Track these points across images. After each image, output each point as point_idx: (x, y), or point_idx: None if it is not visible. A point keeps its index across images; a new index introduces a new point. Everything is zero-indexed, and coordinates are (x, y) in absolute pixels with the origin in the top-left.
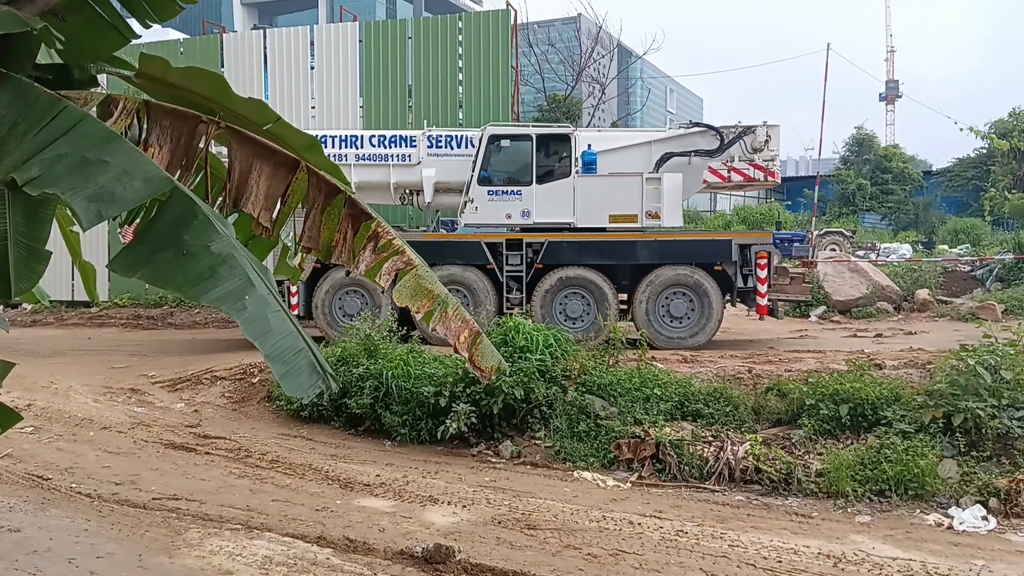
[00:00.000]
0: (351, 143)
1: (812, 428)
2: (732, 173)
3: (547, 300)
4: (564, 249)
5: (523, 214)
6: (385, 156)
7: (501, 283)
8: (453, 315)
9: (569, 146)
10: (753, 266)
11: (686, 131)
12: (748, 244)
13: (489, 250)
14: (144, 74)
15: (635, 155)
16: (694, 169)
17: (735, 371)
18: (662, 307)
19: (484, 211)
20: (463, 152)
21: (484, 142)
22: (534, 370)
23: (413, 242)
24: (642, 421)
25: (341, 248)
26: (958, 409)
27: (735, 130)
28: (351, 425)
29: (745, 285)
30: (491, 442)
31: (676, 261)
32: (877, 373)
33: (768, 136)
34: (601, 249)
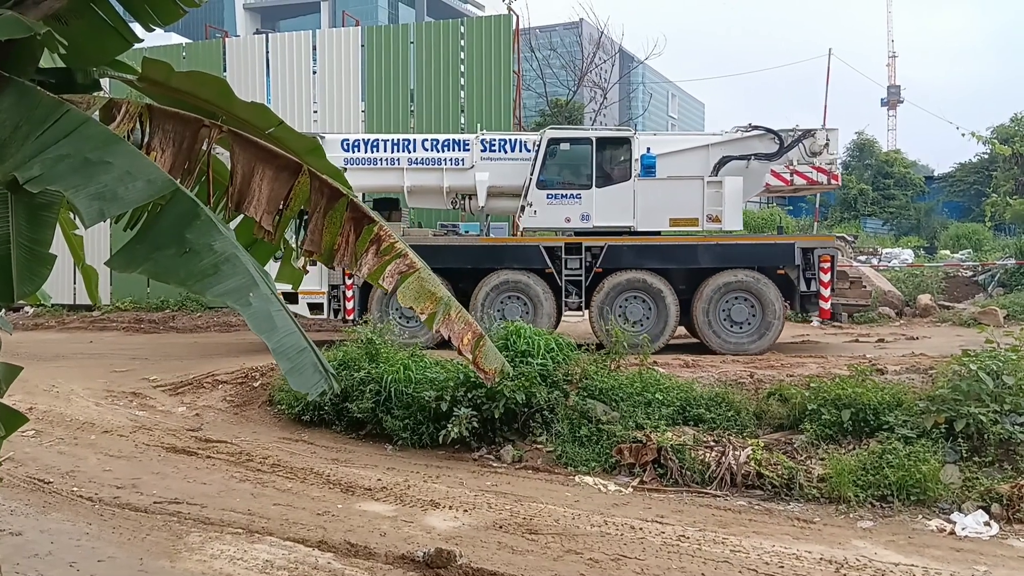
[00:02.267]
0: (403, 147)
1: (814, 433)
2: (795, 176)
3: (606, 304)
4: (624, 253)
5: (583, 218)
6: (438, 160)
7: (559, 287)
8: (456, 317)
9: (629, 149)
10: (816, 270)
11: (744, 134)
12: (811, 248)
13: (547, 254)
14: (146, 78)
15: (693, 158)
16: (752, 172)
17: (737, 376)
18: (723, 312)
19: (543, 215)
20: (517, 156)
21: (543, 145)
22: (536, 374)
23: (468, 246)
24: (644, 426)
25: (343, 252)
26: (960, 414)
27: (794, 134)
28: (352, 429)
29: (808, 289)
30: (492, 446)
31: (738, 265)
32: (879, 378)
33: (827, 140)
34: (662, 253)
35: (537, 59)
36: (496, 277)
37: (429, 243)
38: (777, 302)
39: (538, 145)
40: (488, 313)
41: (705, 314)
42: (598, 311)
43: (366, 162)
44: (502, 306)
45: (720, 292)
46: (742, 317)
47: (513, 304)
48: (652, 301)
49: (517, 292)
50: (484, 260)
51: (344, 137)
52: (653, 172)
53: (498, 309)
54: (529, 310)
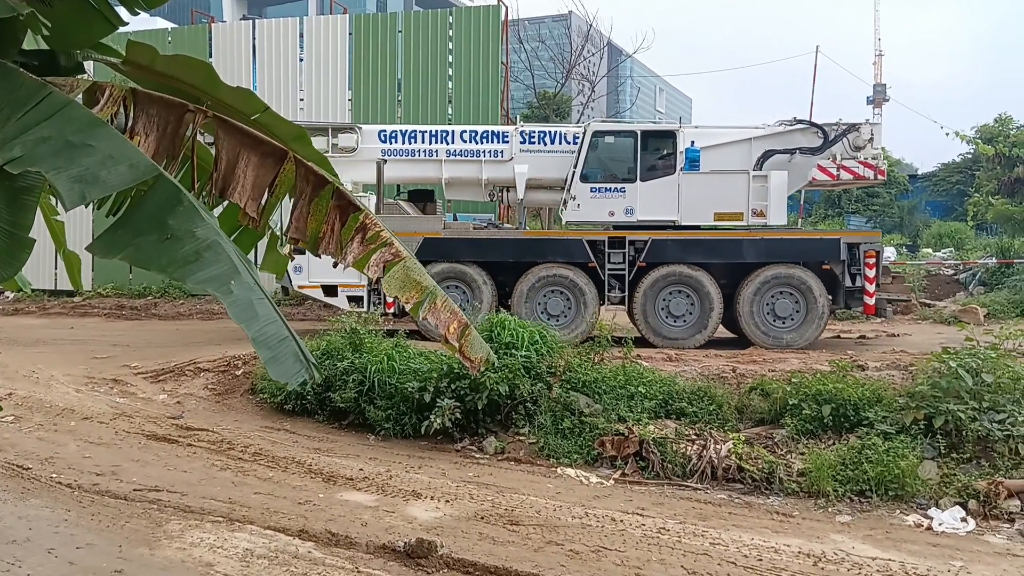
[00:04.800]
0: (442, 138)
1: (794, 428)
2: (841, 171)
3: (649, 298)
4: (668, 247)
5: (626, 211)
6: (477, 152)
7: (602, 281)
8: (442, 306)
9: (674, 143)
10: (861, 265)
11: (788, 128)
12: (857, 243)
13: (590, 248)
14: (131, 62)
15: (735, 152)
16: (794, 167)
17: (719, 370)
18: (767, 307)
19: (586, 208)
20: (557, 148)
21: (587, 138)
22: (519, 366)
23: (510, 239)
24: (626, 419)
25: (328, 239)
26: (939, 411)
27: (838, 128)
28: (335, 419)
29: (852, 285)
30: (475, 438)
31: (783, 260)
32: (860, 374)
33: (872, 134)
34: (706, 247)
35: (525, 51)
36: (538, 271)
37: (470, 236)
38: (821, 297)
39: (581, 138)
40: (529, 307)
41: (750, 309)
42: (641, 305)
43: (404, 153)
44: (544, 300)
45: (765, 287)
46: (786, 312)
47: (555, 298)
48: (696, 296)
49: (559, 286)
50: (526, 254)
51: (381, 128)
52: (698, 166)
53: (540, 303)
54: (571, 304)
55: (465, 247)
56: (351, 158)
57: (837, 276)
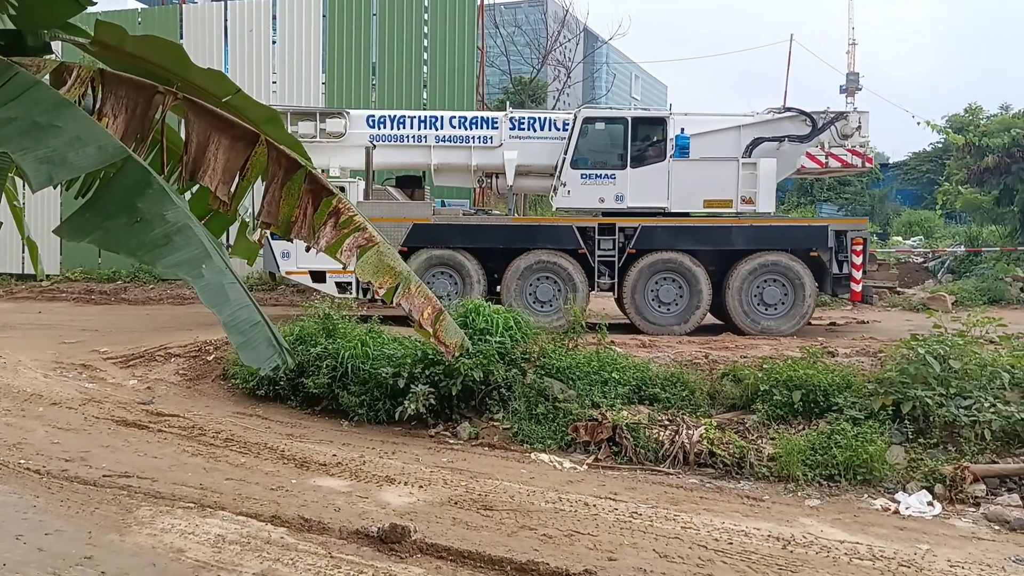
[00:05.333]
0: (431, 124)
1: (765, 413)
2: (830, 159)
3: (639, 285)
4: (658, 234)
5: (617, 198)
6: (466, 138)
7: (592, 268)
8: (416, 291)
9: (664, 130)
10: (848, 252)
11: (777, 116)
12: (844, 230)
13: (580, 234)
14: (99, 42)
15: (724, 139)
16: (783, 154)
17: (692, 356)
18: (755, 294)
19: (576, 195)
20: (547, 135)
21: (578, 125)
22: (494, 352)
23: (500, 225)
24: (600, 404)
25: (301, 224)
26: (907, 397)
27: (827, 116)
28: (308, 405)
29: (840, 272)
30: (449, 423)
31: (771, 247)
32: (830, 360)
33: (860, 122)
34: (696, 234)
35: (501, 36)
36: (528, 257)
37: (460, 222)
38: (809, 284)
39: (571, 125)
40: (519, 293)
41: (738, 296)
42: (630, 292)
43: (392, 139)
44: (534, 286)
45: (754, 274)
46: (774, 299)
47: (545, 284)
48: (685, 282)
49: (549, 272)
50: (516, 240)
51: (370, 113)
52: (687, 153)
53: (529, 289)
54: (561, 290)
55: (455, 233)
56: (339, 143)
57: (824, 263)
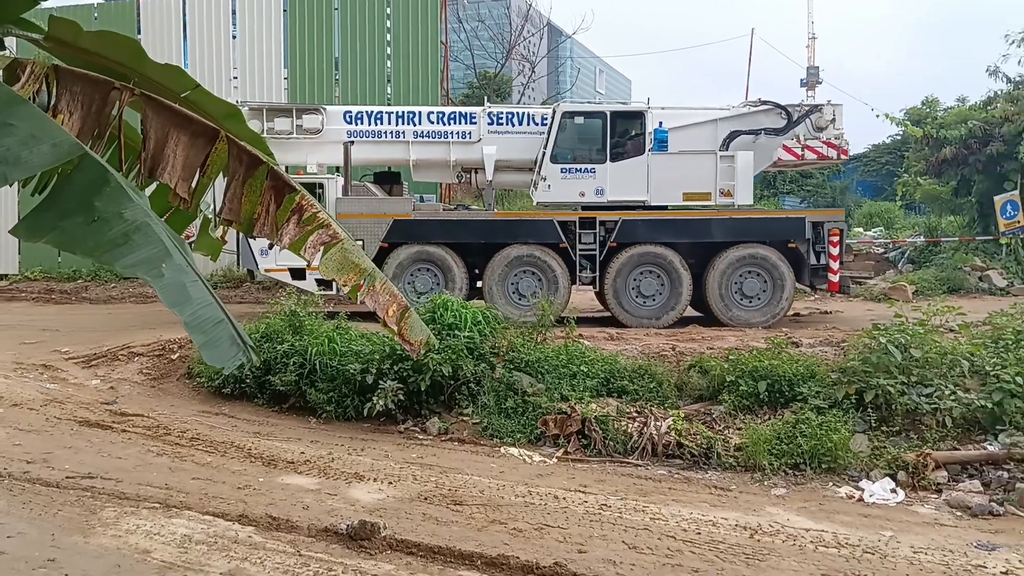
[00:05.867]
0: (408, 120)
1: (732, 404)
2: (806, 151)
3: (620, 278)
4: (638, 227)
5: (597, 192)
6: (444, 133)
7: (573, 261)
8: (381, 288)
9: (642, 124)
10: (826, 243)
11: (753, 109)
12: (821, 222)
13: (561, 228)
14: (53, 38)
15: (701, 133)
16: (760, 147)
17: (659, 349)
18: (735, 285)
19: (557, 189)
20: (525, 129)
21: (557, 120)
22: (462, 347)
23: (481, 220)
24: (569, 397)
25: (264, 221)
26: (870, 386)
27: (801, 109)
28: (275, 402)
29: (817, 262)
30: (418, 419)
31: (750, 239)
32: (794, 351)
33: (834, 115)
34: (676, 227)
35: (465, 30)
36: (509, 251)
37: (440, 218)
38: (788, 276)
39: (551, 119)
40: (501, 287)
41: (718, 288)
42: (612, 285)
43: (370, 135)
44: (516, 280)
45: (733, 266)
46: (754, 291)
47: (526, 278)
48: (666, 275)
49: (530, 266)
50: (497, 235)
51: (347, 109)
52: (666, 146)
53: (511, 284)
54: (543, 284)
55: (436, 229)
56: (316, 140)
57: (802, 254)
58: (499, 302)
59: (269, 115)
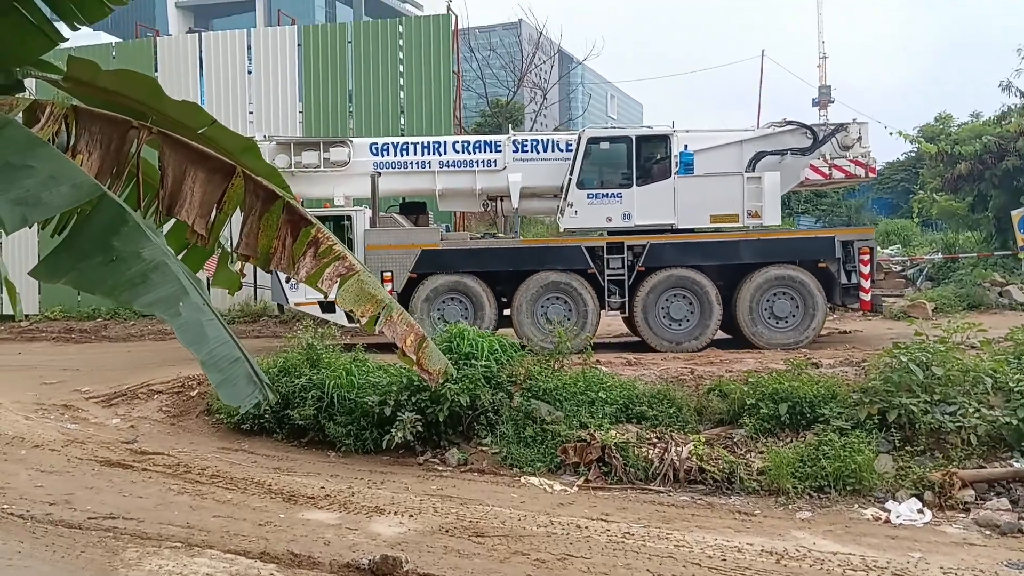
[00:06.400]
0: (434, 149)
1: (753, 427)
2: (834, 171)
3: (649, 302)
4: (666, 250)
5: (624, 216)
6: (470, 162)
7: (602, 287)
8: (398, 319)
9: (668, 147)
10: (856, 262)
11: (778, 129)
12: (851, 240)
13: (589, 254)
14: (72, 78)
15: (727, 154)
16: (786, 167)
17: (678, 373)
18: (765, 307)
19: (584, 215)
20: (550, 156)
21: (583, 145)
22: (480, 376)
23: (509, 248)
24: (587, 425)
25: (280, 255)
26: (892, 405)
27: (827, 128)
28: (294, 437)
29: (848, 281)
30: (437, 450)
31: (779, 260)
32: (814, 372)
33: (860, 133)
34: (704, 249)
35: (477, 59)
36: (538, 279)
37: (468, 247)
38: (819, 296)
39: (576, 145)
40: (530, 315)
41: (749, 310)
42: (641, 309)
43: (396, 165)
44: (544, 307)
45: (763, 287)
46: (785, 312)
47: (555, 304)
48: (695, 298)
49: (559, 292)
50: (525, 262)
51: (372, 141)
52: (692, 169)
53: (540, 310)
54: (571, 310)
55: (464, 258)
56: (343, 172)
57: (833, 274)
58: (528, 330)
59: (296, 149)
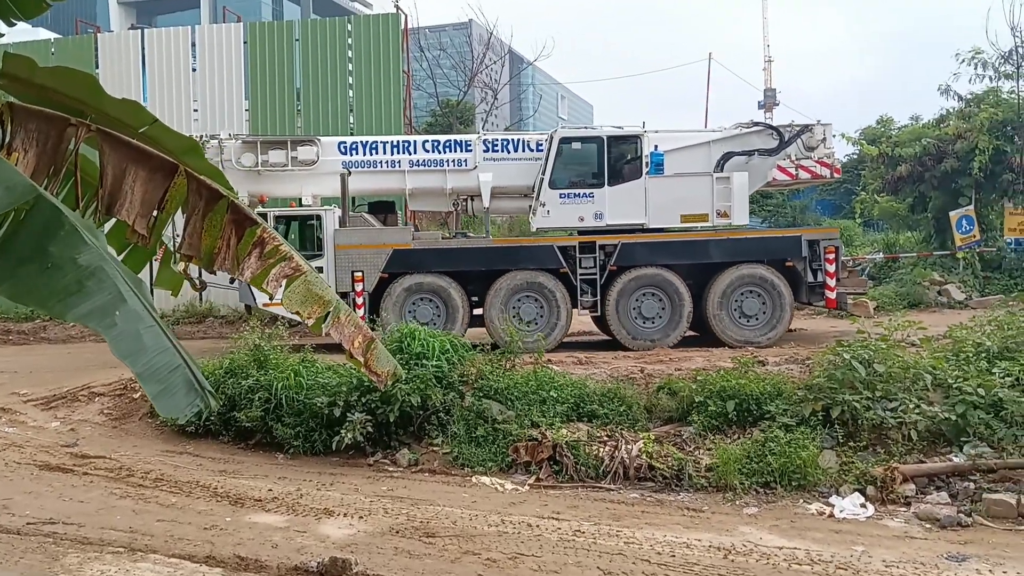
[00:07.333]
0: (404, 149)
1: (701, 424)
2: (800, 171)
3: (621, 302)
4: (638, 250)
5: (596, 216)
6: (440, 162)
7: (574, 286)
8: (346, 320)
9: (638, 147)
10: (822, 260)
11: (745, 130)
12: (816, 239)
13: (561, 254)
14: (8, 74)
15: (695, 155)
16: (753, 168)
17: (628, 371)
18: (735, 305)
19: (556, 214)
20: (521, 156)
21: (555, 145)
22: (431, 376)
23: (481, 248)
24: (539, 423)
25: (224, 255)
26: (836, 402)
27: (792, 129)
28: (241, 439)
29: (815, 280)
30: (388, 451)
31: (748, 259)
32: (760, 370)
33: (824, 135)
34: (675, 249)
35: (427, 59)
36: (510, 278)
37: (440, 246)
38: (787, 294)
39: (548, 145)
40: (502, 314)
41: (719, 308)
42: (613, 308)
43: (366, 165)
44: (516, 307)
45: (732, 286)
46: (754, 310)
47: (527, 304)
48: (667, 297)
49: (531, 292)
50: (497, 262)
51: (341, 140)
52: (662, 169)
53: (512, 310)
54: (544, 309)
55: (435, 258)
56: (311, 171)
57: (800, 272)
58: (500, 330)
59: (263, 147)
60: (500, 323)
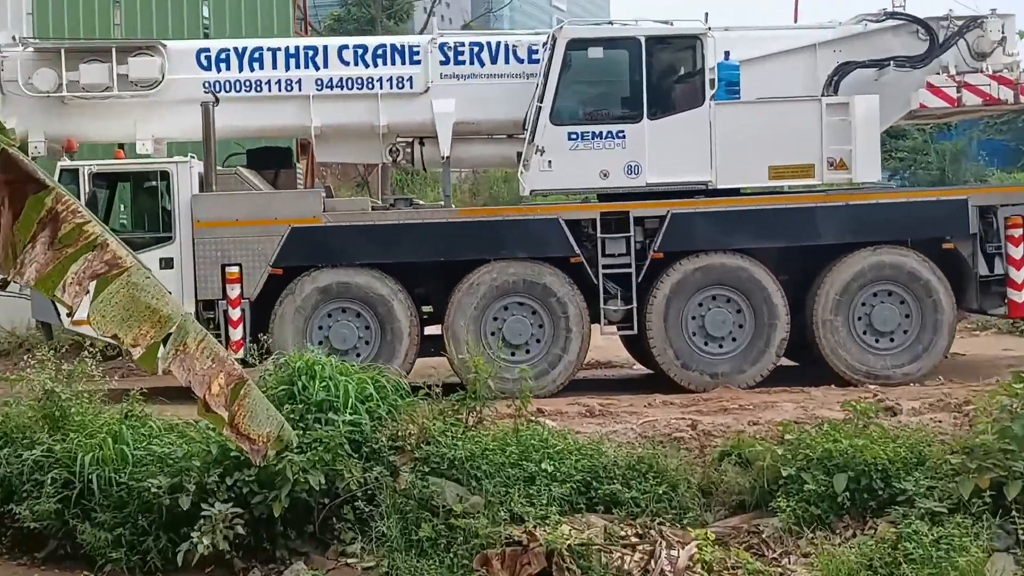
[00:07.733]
0: (308, 60)
1: (793, 514)
2: (964, 91)
3: (673, 311)
4: (699, 225)
5: (628, 170)
6: (367, 81)
7: (594, 285)
8: (199, 350)
9: (698, 55)
10: (1003, 240)
11: (874, 26)
12: (992, 205)
13: (572, 231)
14: None
15: (791, 66)
16: (887, 87)
17: (670, 426)
18: (858, 316)
19: (562, 167)
20: (501, 70)
21: (559, 52)
22: (342, 440)
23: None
24: (524, 516)
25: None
26: (1014, 474)
27: (951, 25)
28: (23, 550)
29: (990, 272)
30: (271, 565)
31: (881, 239)
32: (889, 421)
33: (1003, 32)
34: (760, 222)
35: None
36: (487, 274)
37: (368, 222)
38: (946, 299)
39: (548, 51)
40: (474, 333)
41: (830, 321)
42: (658, 323)
43: (243, 86)
44: (498, 322)
45: (857, 284)
46: (889, 324)
47: (517, 317)
48: (747, 303)
49: (522, 296)
50: (465, 247)
51: (202, 47)
52: (738, 92)
53: (492, 327)
54: (544, 326)
55: (362, 241)
56: (151, 98)
57: (965, 260)
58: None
59: (71, 59)
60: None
